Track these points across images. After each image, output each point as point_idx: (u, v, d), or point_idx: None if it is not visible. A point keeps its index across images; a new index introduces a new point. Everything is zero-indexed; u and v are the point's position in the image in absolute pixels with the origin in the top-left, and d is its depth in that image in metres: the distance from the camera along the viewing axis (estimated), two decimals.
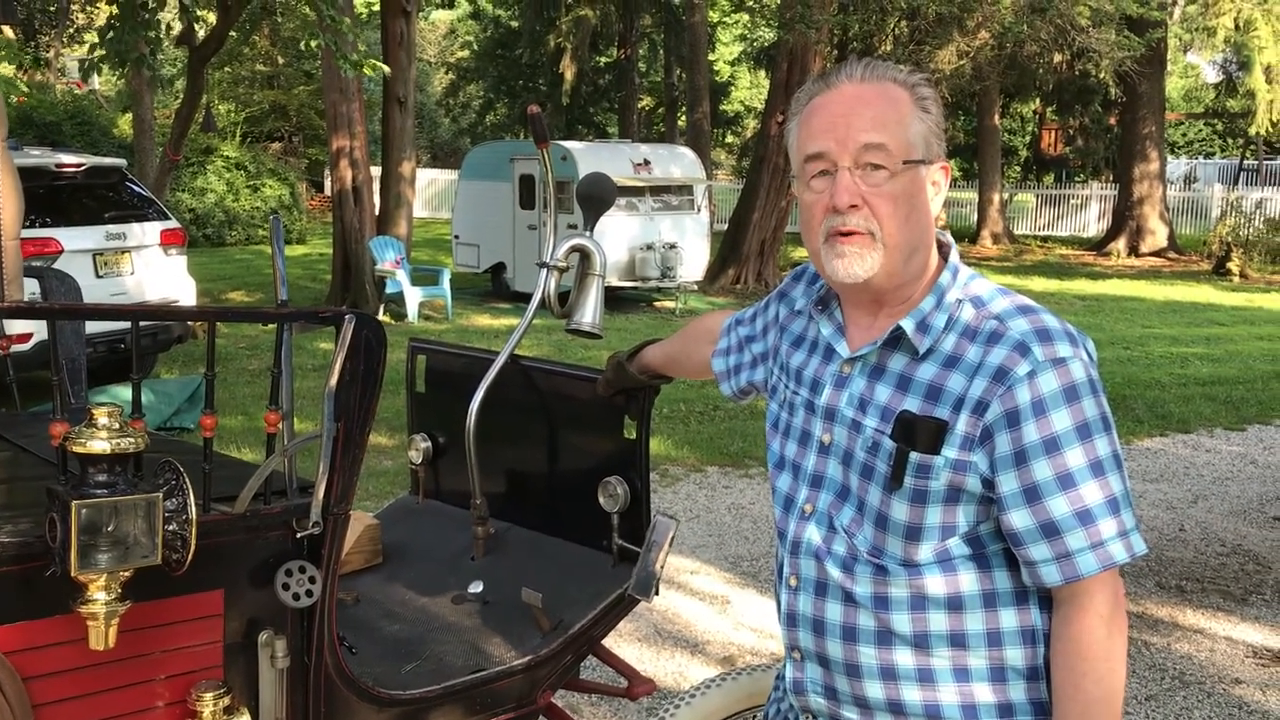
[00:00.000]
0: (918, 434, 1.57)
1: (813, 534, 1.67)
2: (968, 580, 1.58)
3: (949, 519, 1.57)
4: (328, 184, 31.36)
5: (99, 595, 1.54)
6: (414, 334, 11.32)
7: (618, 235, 14.47)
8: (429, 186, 32.63)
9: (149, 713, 1.73)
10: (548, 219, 2.57)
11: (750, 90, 40.60)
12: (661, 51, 33.05)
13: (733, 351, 2.03)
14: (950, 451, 1.55)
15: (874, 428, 1.62)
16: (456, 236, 17.28)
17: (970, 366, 1.56)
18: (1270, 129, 23.50)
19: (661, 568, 2.27)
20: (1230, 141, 39.00)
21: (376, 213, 15.27)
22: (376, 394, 1.85)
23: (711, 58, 31.68)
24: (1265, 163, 34.17)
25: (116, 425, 1.52)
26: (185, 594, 1.74)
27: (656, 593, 2.29)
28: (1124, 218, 24.35)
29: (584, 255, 2.62)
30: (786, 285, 1.92)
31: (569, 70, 30.17)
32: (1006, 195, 29.29)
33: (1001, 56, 18.27)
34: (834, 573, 1.64)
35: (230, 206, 23.74)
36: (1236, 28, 21.63)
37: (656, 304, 15.49)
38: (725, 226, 18.67)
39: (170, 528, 1.56)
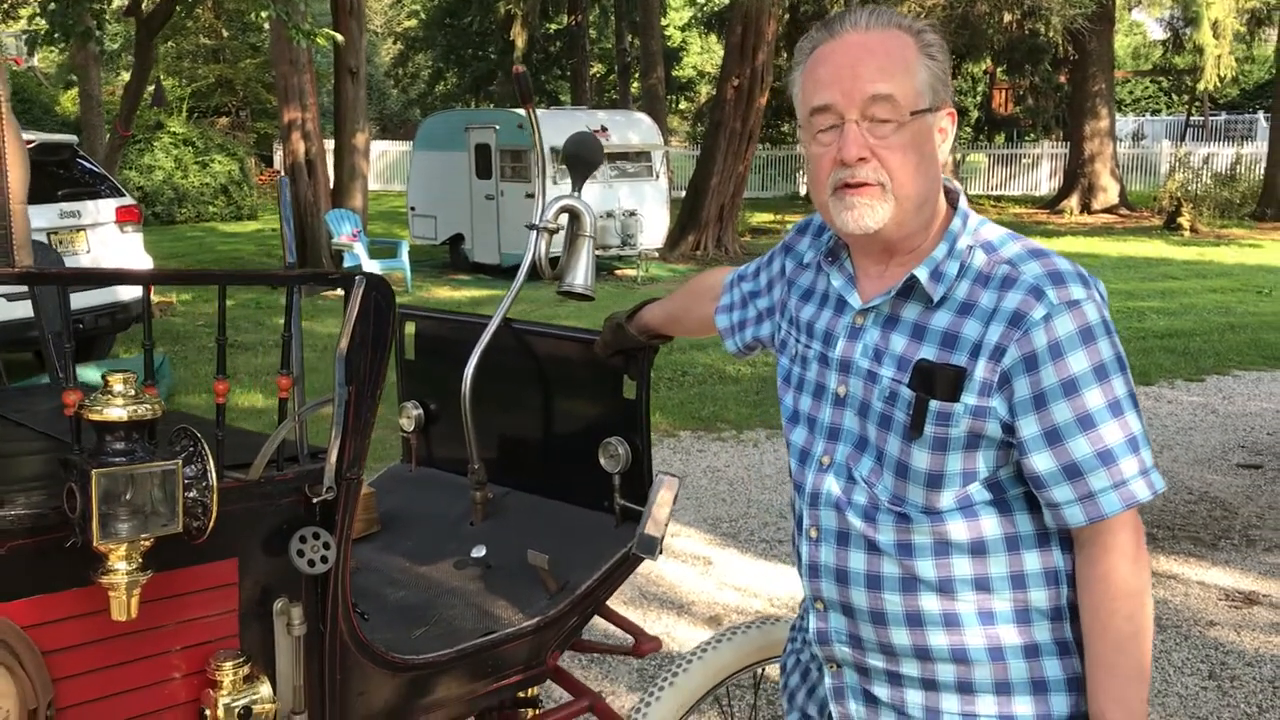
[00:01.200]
0: (937, 382, 1.57)
1: (832, 485, 1.67)
2: (990, 525, 1.59)
3: (969, 465, 1.58)
4: (277, 158, 30.92)
5: (120, 565, 1.51)
6: None
7: None
8: (380, 159, 32.29)
9: (168, 684, 1.71)
10: (537, 179, 2.54)
11: (702, 55, 40.46)
12: (613, 17, 32.83)
13: (736, 308, 2.02)
14: (969, 398, 1.55)
15: (891, 377, 1.62)
16: (413, 208, 17.11)
17: (985, 312, 1.56)
18: (1219, 84, 23.78)
19: (666, 526, 2.27)
20: (1175, 98, 39.40)
21: (331, 186, 15.11)
22: (387, 357, 1.83)
23: (663, 23, 31.49)
24: (1210, 118, 34.59)
25: (132, 392, 1.49)
26: (200, 563, 1.72)
27: (660, 551, 2.29)
28: (1076, 175, 24.59)
29: (574, 216, 2.60)
30: (791, 239, 1.91)
31: (520, 37, 29.88)
32: (959, 156, 29.45)
33: (953, 16, 18.33)
34: (856, 522, 1.64)
35: (179, 183, 23.35)
36: None
37: (617, 272, 15.45)
38: (681, 193, 18.63)
39: (190, 495, 1.53)
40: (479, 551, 2.52)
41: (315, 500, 1.80)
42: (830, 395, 1.70)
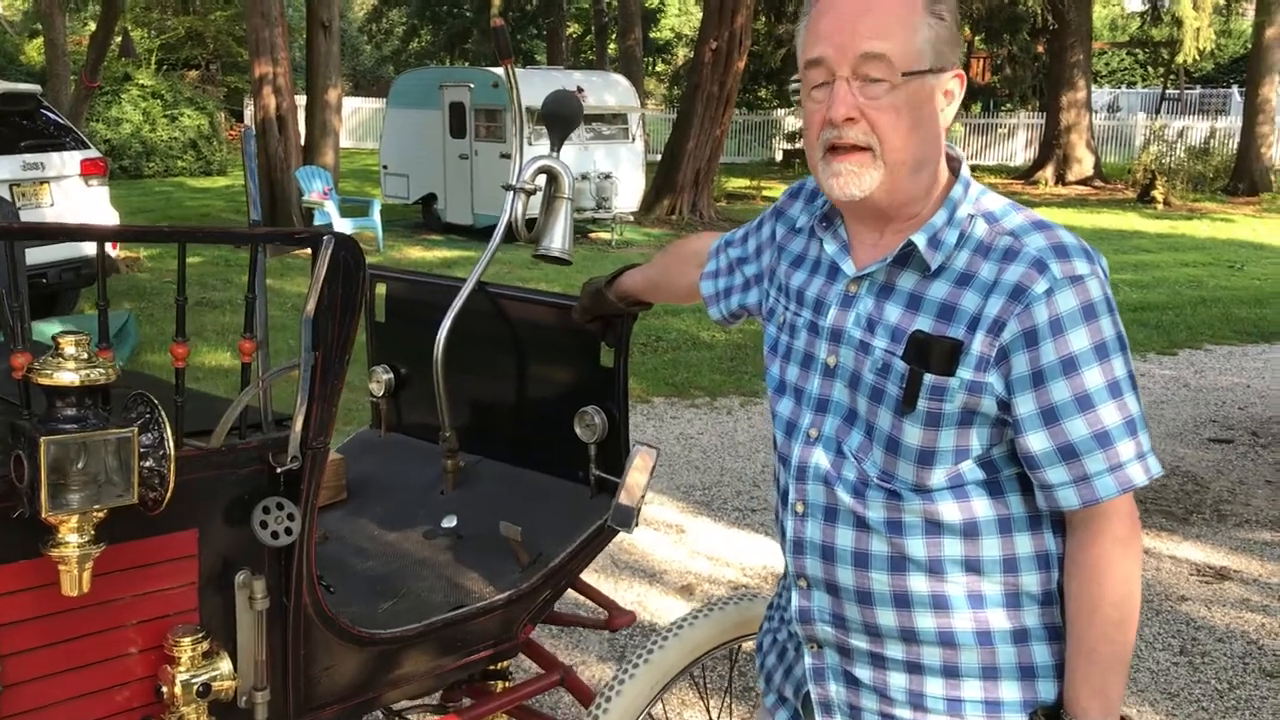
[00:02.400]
0: (932, 355, 1.50)
1: (820, 459, 1.61)
2: (982, 506, 1.54)
3: (962, 442, 1.52)
4: (248, 113, 30.45)
5: (71, 537, 1.43)
6: None
7: None
8: (352, 116, 31.87)
9: (124, 659, 1.64)
10: (513, 138, 2.44)
11: (680, 17, 40.11)
12: None
13: (722, 274, 1.95)
14: (965, 372, 1.49)
15: (884, 349, 1.55)
16: (385, 167, 16.88)
17: (985, 285, 1.50)
18: (1197, 56, 23.78)
19: (642, 498, 2.21)
20: (1151, 71, 39.44)
21: (302, 142, 14.88)
22: (356, 320, 1.74)
23: None
24: (1186, 92, 34.64)
25: (85, 355, 1.41)
26: (157, 535, 1.64)
27: (636, 524, 2.23)
28: (1051, 146, 24.56)
29: (551, 177, 2.53)
30: (783, 203, 1.84)
31: None
32: None
33: None
34: (845, 498, 1.58)
35: (147, 137, 22.98)
36: None
37: (592, 235, 15.31)
38: (657, 156, 18.46)
39: (147, 464, 1.45)
40: (449, 522, 2.45)
41: (279, 470, 1.72)
42: (819, 365, 1.64)
